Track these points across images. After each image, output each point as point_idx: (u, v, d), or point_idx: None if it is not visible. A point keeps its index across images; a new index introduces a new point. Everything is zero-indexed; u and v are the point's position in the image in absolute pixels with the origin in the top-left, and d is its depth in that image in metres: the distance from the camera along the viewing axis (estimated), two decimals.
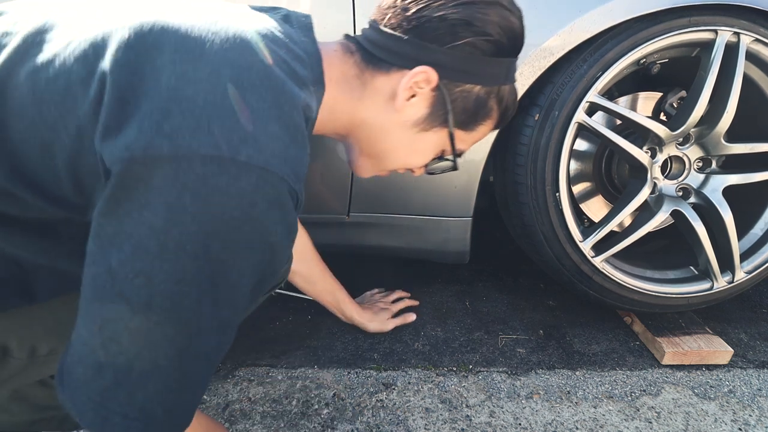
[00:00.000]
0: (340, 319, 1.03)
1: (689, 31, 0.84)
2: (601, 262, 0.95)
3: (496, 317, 1.12)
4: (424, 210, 0.96)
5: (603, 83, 0.85)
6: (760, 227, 1.03)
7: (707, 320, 1.08)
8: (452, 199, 0.94)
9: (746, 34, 0.84)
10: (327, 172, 0.92)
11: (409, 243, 1.02)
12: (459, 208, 0.95)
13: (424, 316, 1.11)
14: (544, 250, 0.95)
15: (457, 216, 0.96)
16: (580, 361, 0.97)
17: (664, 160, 0.98)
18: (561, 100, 0.85)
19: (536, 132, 0.87)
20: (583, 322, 1.10)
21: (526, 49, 0.59)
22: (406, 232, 1.00)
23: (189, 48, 0.39)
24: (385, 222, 0.99)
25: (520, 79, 0.82)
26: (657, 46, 0.84)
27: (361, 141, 0.61)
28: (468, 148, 0.63)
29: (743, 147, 0.94)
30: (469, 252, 1.03)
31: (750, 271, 0.99)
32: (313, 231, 0.97)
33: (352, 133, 0.61)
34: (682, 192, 1.00)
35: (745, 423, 0.81)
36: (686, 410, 0.84)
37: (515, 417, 0.81)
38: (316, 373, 0.91)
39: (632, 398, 0.86)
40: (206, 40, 0.40)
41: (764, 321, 1.14)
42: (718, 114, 0.89)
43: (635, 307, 1.02)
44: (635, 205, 0.93)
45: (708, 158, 0.99)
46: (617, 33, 0.83)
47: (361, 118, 0.58)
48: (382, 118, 0.57)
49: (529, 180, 0.90)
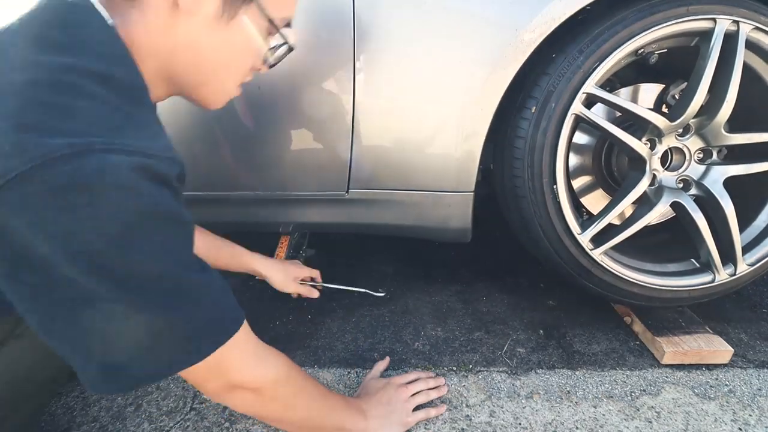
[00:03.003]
0: (340, 320, 1.03)
1: (688, 20, 0.83)
2: (600, 255, 0.94)
3: (496, 317, 1.12)
4: (425, 184, 0.94)
5: (600, 74, 0.84)
6: (762, 219, 1.02)
7: (707, 320, 1.08)
8: (453, 172, 0.92)
9: (746, 22, 0.83)
10: (325, 147, 0.90)
11: (409, 220, 0.99)
12: (460, 181, 0.93)
13: (425, 316, 1.11)
14: (542, 244, 0.95)
15: (458, 190, 0.94)
16: (580, 360, 0.97)
17: (664, 152, 0.97)
18: (557, 92, 0.84)
19: (533, 125, 0.87)
20: (584, 321, 1.10)
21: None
22: (406, 208, 0.98)
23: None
24: (385, 198, 0.96)
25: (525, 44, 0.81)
26: (655, 35, 0.83)
27: (181, 74, 0.54)
28: (292, 10, 0.58)
29: (743, 137, 0.93)
30: (471, 231, 1.00)
31: (752, 264, 0.98)
32: (311, 208, 0.96)
33: (171, 75, 0.54)
34: (682, 184, 0.99)
35: (745, 423, 0.81)
36: (686, 410, 0.84)
37: (515, 417, 0.81)
38: (316, 372, 0.91)
39: (632, 398, 0.86)
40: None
41: (764, 321, 1.13)
42: (718, 104, 0.88)
43: (635, 301, 1.01)
44: (634, 196, 0.92)
45: (708, 149, 0.97)
46: (614, 23, 0.82)
47: (157, 48, 0.50)
48: (179, 32, 0.50)
49: (527, 173, 0.89)
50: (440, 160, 0.91)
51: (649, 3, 0.82)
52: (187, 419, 0.80)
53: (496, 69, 0.82)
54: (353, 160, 0.91)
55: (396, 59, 0.83)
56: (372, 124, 0.88)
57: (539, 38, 0.80)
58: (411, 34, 0.82)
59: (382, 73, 0.84)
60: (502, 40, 0.81)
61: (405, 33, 0.82)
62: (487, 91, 0.84)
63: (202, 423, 0.79)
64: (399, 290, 1.23)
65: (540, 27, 0.80)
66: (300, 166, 0.93)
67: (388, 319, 1.10)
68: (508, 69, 0.82)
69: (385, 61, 0.83)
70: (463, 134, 0.88)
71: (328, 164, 0.92)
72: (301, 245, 1.32)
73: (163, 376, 0.49)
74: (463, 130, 0.88)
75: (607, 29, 0.82)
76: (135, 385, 0.48)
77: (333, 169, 0.93)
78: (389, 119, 0.88)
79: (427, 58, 0.83)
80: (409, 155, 0.91)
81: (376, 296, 1.18)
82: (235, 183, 0.96)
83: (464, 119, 0.87)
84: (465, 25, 0.81)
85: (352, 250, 1.47)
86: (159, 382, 0.87)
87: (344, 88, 0.85)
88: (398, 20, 0.81)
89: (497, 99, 0.85)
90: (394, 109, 0.87)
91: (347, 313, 1.12)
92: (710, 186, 0.95)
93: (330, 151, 0.91)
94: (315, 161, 0.92)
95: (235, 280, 1.26)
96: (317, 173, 0.93)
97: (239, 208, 1.02)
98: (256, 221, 1.04)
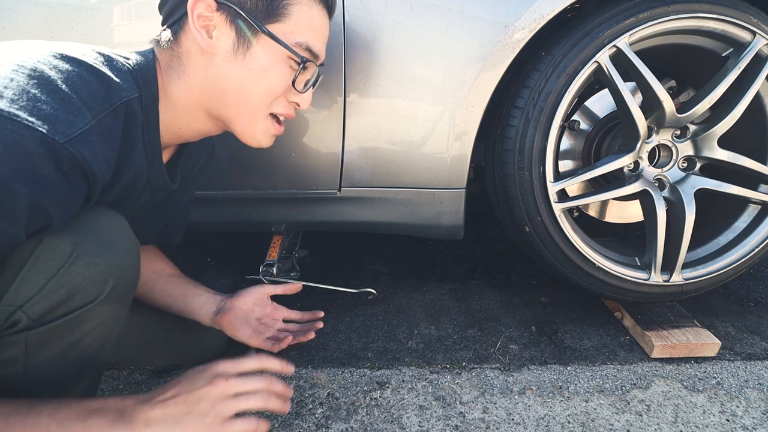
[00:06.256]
0: (333, 319, 1.03)
1: (729, 23, 0.85)
2: (560, 211, 0.94)
3: (489, 314, 1.12)
4: (417, 182, 0.94)
5: (639, 35, 0.85)
6: (718, 242, 1.06)
7: (696, 314, 1.10)
8: (445, 170, 0.92)
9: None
10: (316, 146, 0.90)
11: (401, 218, 1.00)
12: (452, 178, 0.93)
13: (418, 315, 1.11)
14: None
15: (451, 187, 0.94)
16: (571, 356, 0.98)
17: (654, 148, 1.00)
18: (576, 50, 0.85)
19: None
20: (575, 317, 1.11)
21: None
22: (398, 206, 0.98)
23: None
24: (377, 196, 0.97)
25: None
26: (694, 24, 0.85)
27: (219, 109, 0.62)
28: (310, 37, 0.61)
29: (728, 154, 0.97)
30: (463, 228, 1.00)
31: (687, 278, 1.01)
32: (303, 207, 0.96)
33: (208, 110, 0.62)
34: (658, 183, 1.02)
35: (732, 414, 0.83)
36: (675, 402, 0.85)
37: (508, 412, 0.82)
38: (309, 372, 0.91)
39: (623, 392, 0.88)
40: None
41: (751, 314, 1.16)
42: (723, 115, 0.92)
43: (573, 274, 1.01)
44: (613, 167, 0.94)
45: (694, 159, 1.01)
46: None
47: (198, 88, 0.60)
48: (209, 72, 0.59)
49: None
50: (433, 157, 0.91)
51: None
52: None
53: (486, 66, 0.83)
54: (345, 159, 0.91)
55: (387, 58, 0.83)
56: (363, 122, 0.88)
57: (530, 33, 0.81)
58: (401, 33, 0.82)
59: (373, 71, 0.84)
60: (492, 38, 0.82)
61: (395, 32, 0.82)
62: (477, 88, 0.85)
63: None
64: (392, 289, 1.23)
65: (530, 23, 0.81)
66: (291, 164, 0.92)
67: (381, 318, 1.10)
68: (498, 67, 0.83)
69: (376, 60, 0.84)
70: (454, 132, 0.89)
71: (320, 163, 0.92)
72: (294, 245, 1.31)
73: None
74: (454, 128, 0.88)
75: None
76: None
77: (325, 167, 0.93)
78: (381, 117, 0.88)
79: (418, 56, 0.83)
80: (401, 153, 0.91)
81: (364, 294, 1.18)
82: (226, 182, 0.95)
83: (455, 116, 0.87)
84: (455, 22, 0.82)
85: (345, 249, 1.47)
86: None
87: (335, 86, 0.85)
88: (388, 19, 0.81)
89: (489, 93, 0.85)
90: (386, 107, 0.87)
91: (340, 313, 1.12)
92: (683, 192, 0.98)
93: (322, 149, 0.91)
94: (306, 160, 0.92)
95: (226, 281, 1.25)
96: (309, 172, 0.93)
97: (231, 208, 1.01)
98: (248, 221, 1.04)
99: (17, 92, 0.43)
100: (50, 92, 0.45)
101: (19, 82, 0.44)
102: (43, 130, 0.43)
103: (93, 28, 0.80)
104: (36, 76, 0.45)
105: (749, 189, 0.99)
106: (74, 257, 0.50)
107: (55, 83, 0.46)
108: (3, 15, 0.79)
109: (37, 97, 0.44)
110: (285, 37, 0.59)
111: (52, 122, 0.44)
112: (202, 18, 0.56)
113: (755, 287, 1.28)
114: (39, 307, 0.50)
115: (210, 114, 0.63)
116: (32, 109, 0.43)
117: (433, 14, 0.81)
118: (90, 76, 0.50)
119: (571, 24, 0.88)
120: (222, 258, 1.40)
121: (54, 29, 0.80)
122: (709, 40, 0.91)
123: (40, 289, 0.49)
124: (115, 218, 0.57)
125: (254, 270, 1.19)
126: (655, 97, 0.89)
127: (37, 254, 0.49)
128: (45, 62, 0.47)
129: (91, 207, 0.54)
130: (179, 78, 0.60)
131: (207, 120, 0.64)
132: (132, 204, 0.65)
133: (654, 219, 0.96)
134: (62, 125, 0.45)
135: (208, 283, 0.93)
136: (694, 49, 0.93)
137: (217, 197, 0.97)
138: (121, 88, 0.53)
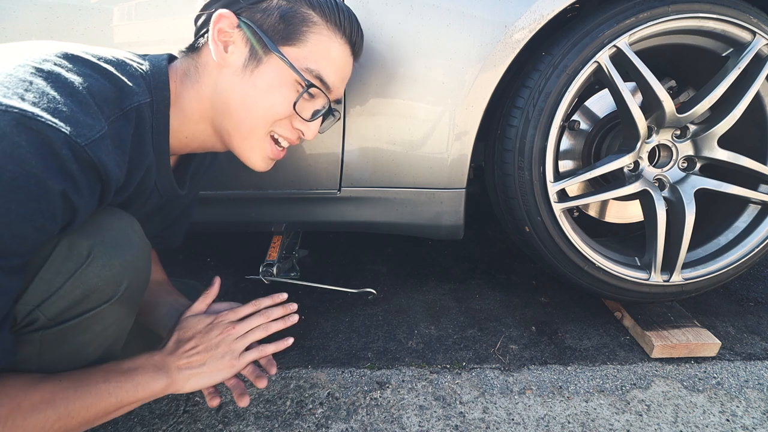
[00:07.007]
0: (334, 319, 1.03)
1: (729, 23, 0.86)
2: (560, 211, 0.94)
3: (489, 314, 1.12)
4: (417, 182, 0.94)
5: (638, 35, 0.85)
6: (718, 242, 1.06)
7: (696, 314, 1.10)
8: (445, 170, 0.92)
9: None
10: (316, 146, 0.90)
11: (401, 218, 1.00)
12: (452, 178, 0.93)
13: (418, 315, 1.11)
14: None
15: (451, 187, 0.95)
16: (571, 356, 0.98)
17: (654, 148, 1.00)
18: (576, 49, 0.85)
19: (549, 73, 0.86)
20: (575, 318, 1.11)
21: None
22: (399, 206, 0.98)
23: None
24: (377, 196, 0.97)
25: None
26: (694, 24, 0.86)
27: (221, 122, 0.62)
28: (324, 67, 0.61)
29: (728, 154, 0.97)
30: (463, 227, 1.00)
31: (687, 278, 1.01)
32: (303, 207, 0.96)
33: (213, 122, 0.63)
34: (658, 183, 1.02)
35: (732, 414, 0.83)
36: (675, 402, 0.85)
37: (508, 412, 0.82)
38: (309, 372, 0.91)
39: (623, 392, 0.88)
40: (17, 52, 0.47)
41: (751, 314, 1.16)
42: (723, 115, 0.92)
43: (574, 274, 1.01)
44: (613, 166, 0.94)
45: (694, 159, 1.01)
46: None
47: (206, 98, 0.61)
48: (218, 83, 0.60)
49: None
50: (432, 157, 0.91)
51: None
52: (180, 422, 0.79)
53: (486, 66, 0.83)
54: (345, 159, 0.91)
55: (387, 58, 0.83)
56: (363, 122, 0.88)
57: (530, 33, 0.81)
58: (401, 33, 0.82)
59: (373, 72, 0.84)
60: (492, 38, 0.82)
61: (395, 32, 0.82)
62: (477, 88, 0.85)
63: (195, 425, 0.78)
64: (392, 289, 1.23)
65: (530, 23, 0.81)
66: (291, 164, 0.92)
67: (381, 318, 1.10)
68: (498, 67, 0.83)
69: (377, 60, 0.84)
70: (454, 132, 0.88)
71: (320, 163, 0.92)
72: (294, 245, 1.31)
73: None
74: (454, 128, 0.88)
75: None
76: None
77: (325, 167, 0.93)
78: (381, 118, 0.88)
79: (418, 56, 0.83)
80: (401, 153, 0.91)
81: (364, 294, 1.18)
82: (226, 182, 0.95)
83: (455, 116, 0.87)
84: (455, 22, 0.82)
85: (345, 249, 1.47)
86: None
87: None
88: (388, 19, 0.81)
89: (489, 93, 0.85)
90: (386, 107, 0.87)
91: (340, 313, 1.12)
92: (683, 192, 0.98)
93: (322, 149, 0.91)
94: (307, 160, 0.92)
95: (226, 281, 1.25)
96: (309, 172, 0.93)
97: (231, 208, 1.01)
98: (247, 221, 1.04)
99: (38, 94, 0.44)
100: (69, 95, 0.46)
101: (38, 84, 0.45)
102: (66, 132, 0.44)
103: (93, 28, 0.81)
104: (53, 79, 0.46)
105: (749, 189, 0.99)
106: (91, 258, 0.51)
107: (73, 86, 0.47)
108: (3, 15, 0.79)
109: (57, 99, 0.45)
110: (296, 62, 0.59)
111: (74, 124, 0.45)
112: (223, 33, 0.58)
113: (755, 287, 1.28)
114: (55, 306, 0.51)
115: (214, 127, 0.64)
116: (54, 111, 0.44)
117: (433, 14, 0.81)
118: (104, 79, 0.50)
119: (571, 24, 0.88)
120: (222, 258, 1.40)
121: (54, 29, 0.80)
122: (709, 40, 0.91)
123: (57, 289, 0.50)
124: (128, 220, 0.58)
125: (254, 270, 1.19)
126: (655, 97, 0.89)
127: (55, 255, 0.50)
128: (61, 65, 0.48)
129: (104, 209, 0.55)
130: (192, 87, 0.61)
131: (211, 134, 0.65)
132: (140, 208, 0.66)
133: (654, 219, 0.96)
134: (83, 128, 0.45)
135: (208, 283, 0.92)
136: (694, 49, 0.93)
137: (217, 197, 0.97)
138: (134, 93, 0.53)
